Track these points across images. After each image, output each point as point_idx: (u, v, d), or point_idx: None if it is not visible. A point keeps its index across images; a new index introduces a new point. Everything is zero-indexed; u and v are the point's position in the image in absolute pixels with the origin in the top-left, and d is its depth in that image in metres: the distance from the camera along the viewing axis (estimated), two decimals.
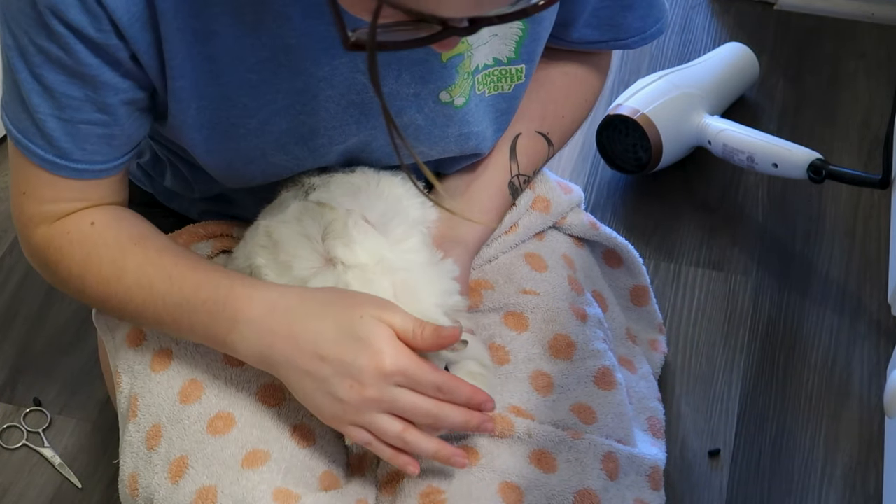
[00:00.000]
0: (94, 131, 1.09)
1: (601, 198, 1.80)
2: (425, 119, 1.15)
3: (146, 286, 1.13)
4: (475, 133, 1.19)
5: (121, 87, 1.07)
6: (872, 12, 2.05)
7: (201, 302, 1.10)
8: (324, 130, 1.13)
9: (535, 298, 1.25)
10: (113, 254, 1.14)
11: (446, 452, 1.08)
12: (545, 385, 1.21)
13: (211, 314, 1.10)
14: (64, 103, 1.06)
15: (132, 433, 1.19)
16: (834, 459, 1.51)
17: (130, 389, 1.21)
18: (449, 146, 1.19)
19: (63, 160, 1.10)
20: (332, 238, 1.12)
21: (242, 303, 1.09)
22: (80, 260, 1.15)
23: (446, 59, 1.12)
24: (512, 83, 1.19)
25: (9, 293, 1.70)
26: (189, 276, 1.12)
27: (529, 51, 1.17)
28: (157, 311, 1.13)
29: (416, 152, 1.18)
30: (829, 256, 1.73)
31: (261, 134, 1.12)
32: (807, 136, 1.85)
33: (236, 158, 1.14)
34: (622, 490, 1.18)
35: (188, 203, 1.31)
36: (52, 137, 1.08)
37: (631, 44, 1.27)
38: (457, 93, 1.15)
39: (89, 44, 1.02)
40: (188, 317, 1.11)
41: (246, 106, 1.10)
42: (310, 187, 1.17)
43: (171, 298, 1.12)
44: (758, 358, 1.61)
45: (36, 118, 1.07)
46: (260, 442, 1.12)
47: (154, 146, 1.28)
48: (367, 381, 1.05)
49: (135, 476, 1.17)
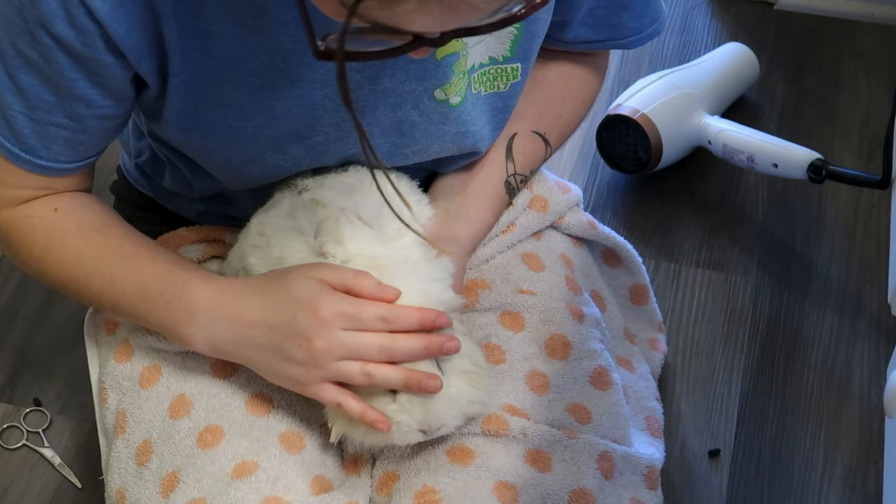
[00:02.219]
0: (62, 134, 1.10)
1: (601, 198, 1.80)
2: (421, 116, 1.15)
3: (106, 273, 1.15)
4: (472, 132, 1.19)
5: (96, 103, 1.08)
6: (872, 12, 2.04)
7: (159, 292, 1.13)
8: (321, 129, 1.14)
9: (532, 298, 1.25)
10: (74, 239, 1.16)
11: (416, 377, 1.07)
12: (541, 385, 1.20)
13: (168, 304, 1.13)
14: (36, 105, 1.07)
15: (120, 449, 1.19)
16: (834, 459, 1.50)
17: (118, 405, 1.22)
18: (446, 144, 1.19)
19: (28, 155, 1.11)
20: (324, 234, 1.13)
21: (197, 294, 1.12)
22: (42, 244, 1.17)
23: (441, 58, 1.12)
24: (508, 82, 1.19)
25: (9, 293, 1.70)
26: (148, 266, 1.15)
27: (525, 49, 1.17)
28: (115, 299, 1.15)
29: (413, 150, 1.18)
30: (829, 256, 1.73)
31: (258, 137, 1.13)
32: (807, 136, 1.85)
33: (234, 157, 1.15)
34: (618, 489, 1.18)
35: (186, 203, 1.31)
36: (21, 133, 1.09)
37: (628, 44, 1.27)
38: (452, 91, 1.15)
39: (74, 57, 1.03)
40: (144, 305, 1.14)
41: (244, 109, 1.10)
42: (303, 188, 1.17)
43: (129, 286, 1.14)
44: (758, 358, 1.61)
45: (7, 113, 1.08)
46: (248, 453, 1.13)
47: (154, 146, 1.28)
48: (312, 333, 1.07)
49: (123, 492, 1.17)
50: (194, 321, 1.12)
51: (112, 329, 1.27)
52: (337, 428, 1.12)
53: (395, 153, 1.18)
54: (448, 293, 1.13)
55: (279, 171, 1.17)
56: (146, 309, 1.14)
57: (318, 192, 1.16)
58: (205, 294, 1.12)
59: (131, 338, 1.23)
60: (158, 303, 1.13)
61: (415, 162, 1.20)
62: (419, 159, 1.20)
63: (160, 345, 1.21)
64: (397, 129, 1.16)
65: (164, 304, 1.13)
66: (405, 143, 1.17)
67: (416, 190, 1.23)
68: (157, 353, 1.22)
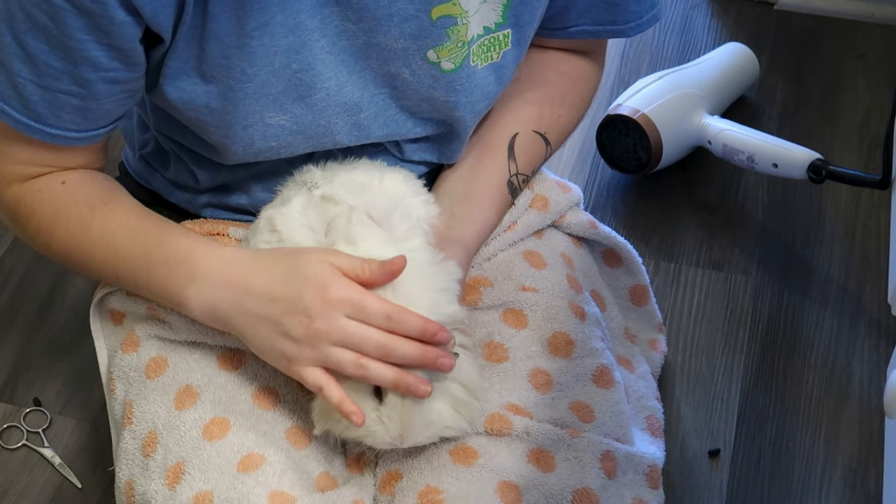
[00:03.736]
0: (71, 101, 1.10)
1: (601, 198, 1.80)
2: (412, 75, 1.16)
3: (110, 241, 1.16)
4: (462, 103, 1.19)
5: (104, 66, 1.08)
6: (872, 12, 2.04)
7: (162, 256, 1.14)
8: (320, 83, 1.14)
9: (535, 295, 1.25)
10: (81, 210, 1.17)
11: (407, 380, 1.07)
12: (544, 383, 1.21)
13: (170, 267, 1.13)
14: (44, 71, 1.08)
15: (127, 440, 1.19)
16: (834, 459, 1.50)
17: (125, 396, 1.22)
18: (436, 109, 1.19)
19: (38, 124, 1.12)
20: (335, 233, 1.13)
21: (200, 258, 1.12)
22: (49, 216, 1.18)
23: (436, 18, 1.13)
24: (500, 50, 1.18)
25: (9, 293, 1.70)
26: (153, 233, 1.16)
27: (516, 13, 1.17)
28: (118, 266, 1.16)
29: (405, 105, 1.18)
30: (829, 256, 1.73)
31: (258, 97, 1.13)
32: (807, 136, 1.85)
33: (235, 122, 1.14)
34: (620, 489, 1.18)
35: (190, 196, 1.31)
36: (30, 102, 1.10)
37: (627, 31, 1.27)
38: (445, 55, 1.15)
39: (84, 16, 1.04)
40: (147, 270, 1.14)
41: (244, 72, 1.11)
42: (313, 185, 1.17)
43: (132, 252, 1.15)
44: (758, 358, 1.61)
45: (15, 81, 1.09)
46: (255, 446, 1.13)
47: (159, 138, 1.28)
48: (315, 313, 1.07)
49: (131, 483, 1.17)
50: (193, 283, 1.12)
51: (118, 319, 1.27)
52: (320, 422, 1.12)
53: (389, 107, 1.18)
54: (454, 306, 1.12)
55: (280, 134, 1.16)
56: (148, 275, 1.15)
57: (328, 190, 1.16)
58: (208, 259, 1.12)
59: (137, 328, 1.24)
60: (161, 266, 1.14)
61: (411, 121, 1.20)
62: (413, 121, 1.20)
63: (167, 335, 1.22)
64: (390, 82, 1.16)
65: (165, 268, 1.13)
66: (398, 97, 1.17)
67: (423, 189, 1.23)
68: (164, 343, 1.22)
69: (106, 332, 1.29)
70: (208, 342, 1.21)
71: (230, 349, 1.20)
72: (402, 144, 1.24)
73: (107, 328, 1.29)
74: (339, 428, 1.11)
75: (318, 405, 1.13)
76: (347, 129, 1.18)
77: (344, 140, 1.19)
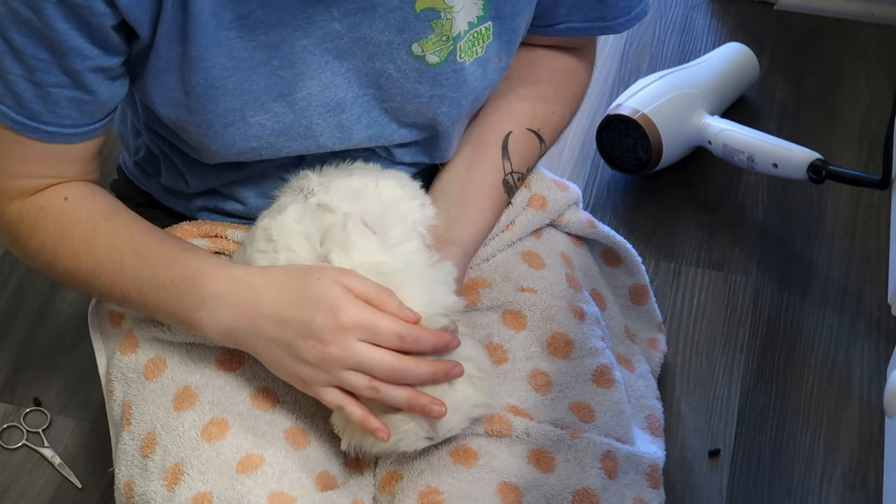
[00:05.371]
0: (64, 94, 1.10)
1: (601, 198, 1.80)
2: (397, 70, 1.15)
3: (116, 261, 1.15)
4: (448, 98, 1.18)
5: (89, 54, 1.08)
6: (872, 12, 2.05)
7: (170, 279, 1.13)
8: (301, 83, 1.14)
9: (533, 296, 1.25)
10: (85, 229, 1.16)
11: (421, 401, 1.07)
12: (544, 384, 1.21)
13: (179, 291, 1.12)
14: (33, 66, 1.07)
15: (126, 441, 1.19)
16: (834, 459, 1.50)
17: (124, 397, 1.22)
18: (422, 105, 1.18)
19: (33, 122, 1.11)
20: (329, 241, 1.13)
21: (209, 280, 1.11)
22: (53, 234, 1.17)
23: (420, 11, 1.12)
24: (483, 44, 1.18)
25: (9, 293, 1.70)
26: (158, 253, 1.14)
27: (497, 6, 1.17)
28: (126, 287, 1.15)
29: (391, 106, 1.18)
30: (829, 256, 1.73)
31: (238, 94, 1.12)
32: (807, 136, 1.85)
33: (215, 120, 1.14)
34: (621, 489, 1.18)
35: (185, 200, 1.31)
36: (23, 98, 1.10)
37: (616, 27, 1.27)
38: (429, 48, 1.15)
39: (64, 7, 1.04)
40: (156, 293, 1.13)
41: (224, 66, 1.10)
42: (309, 192, 1.17)
43: (140, 274, 1.14)
44: (758, 358, 1.61)
45: (7, 79, 1.09)
46: (254, 446, 1.13)
47: (149, 140, 1.28)
48: (328, 337, 1.06)
49: (130, 484, 1.17)
50: (205, 306, 1.11)
51: (117, 321, 1.27)
52: (347, 437, 1.12)
53: (373, 108, 1.18)
54: (451, 297, 1.13)
55: (261, 134, 1.16)
56: (157, 297, 1.13)
57: (324, 197, 1.16)
58: (217, 280, 1.11)
59: (136, 329, 1.24)
60: (170, 290, 1.13)
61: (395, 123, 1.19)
62: (396, 124, 1.19)
63: (165, 336, 1.21)
64: (374, 81, 1.16)
65: (174, 291, 1.12)
66: (383, 98, 1.17)
67: (420, 192, 1.22)
68: (162, 344, 1.22)
69: (104, 333, 1.29)
70: (207, 343, 1.20)
71: (228, 350, 1.20)
72: (391, 149, 1.23)
73: (105, 330, 1.29)
74: (368, 443, 1.11)
75: (338, 418, 1.12)
76: (330, 131, 1.18)
77: (327, 142, 1.19)
